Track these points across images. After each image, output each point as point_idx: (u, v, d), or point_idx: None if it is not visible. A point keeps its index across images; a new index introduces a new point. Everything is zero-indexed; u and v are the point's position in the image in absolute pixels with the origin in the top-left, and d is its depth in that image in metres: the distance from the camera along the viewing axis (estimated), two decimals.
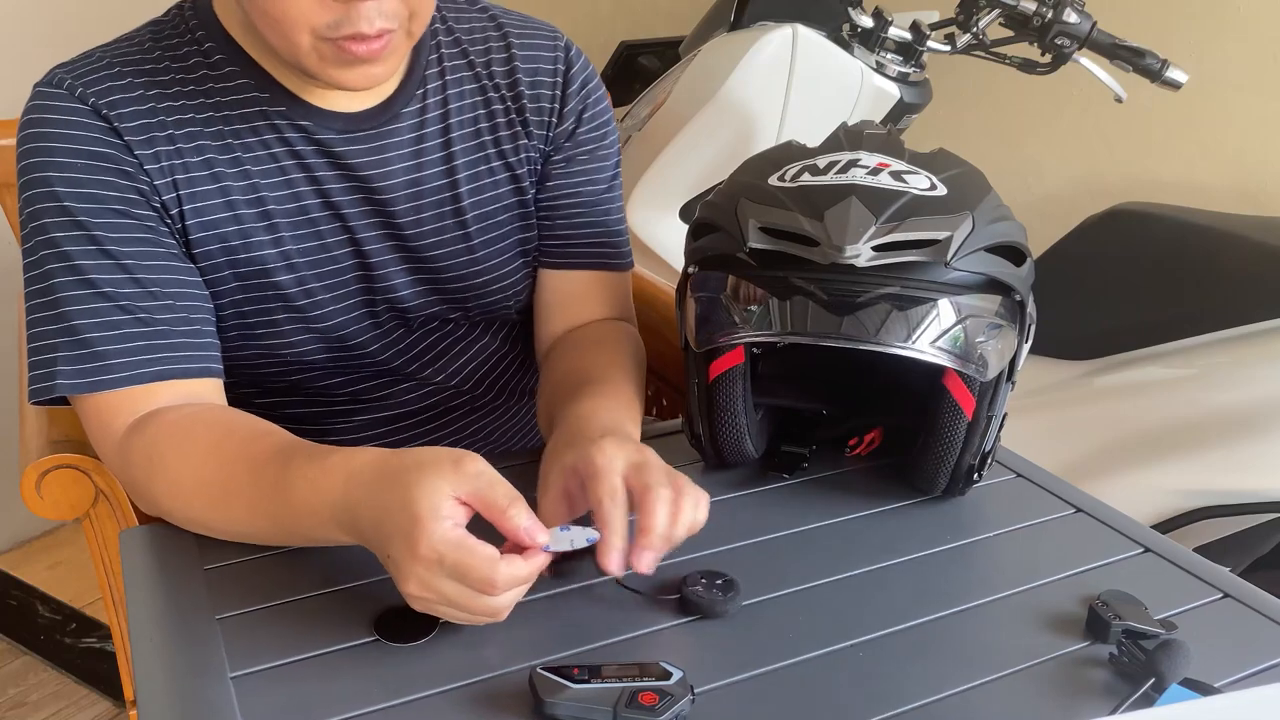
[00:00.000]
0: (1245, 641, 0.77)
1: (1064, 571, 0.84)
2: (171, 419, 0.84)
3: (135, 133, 0.87)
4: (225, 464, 0.81)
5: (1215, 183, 2.05)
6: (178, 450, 0.83)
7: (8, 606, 2.04)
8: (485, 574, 0.67)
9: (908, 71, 1.80)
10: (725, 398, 0.90)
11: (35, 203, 0.86)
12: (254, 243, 0.92)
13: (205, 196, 0.90)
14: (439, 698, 0.68)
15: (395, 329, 1.02)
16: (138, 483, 0.85)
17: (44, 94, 0.89)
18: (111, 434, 0.86)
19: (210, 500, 0.81)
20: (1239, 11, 1.99)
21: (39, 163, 0.86)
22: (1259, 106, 2.00)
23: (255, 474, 0.79)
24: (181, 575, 0.79)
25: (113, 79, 0.89)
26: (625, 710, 0.63)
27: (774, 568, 0.82)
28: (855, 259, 0.80)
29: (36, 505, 0.94)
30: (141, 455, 0.84)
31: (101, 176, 0.86)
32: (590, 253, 1.07)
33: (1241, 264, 1.54)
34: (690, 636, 0.75)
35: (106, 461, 0.89)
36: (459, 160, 0.99)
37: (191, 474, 0.82)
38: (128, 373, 0.85)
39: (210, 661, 0.69)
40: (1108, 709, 0.69)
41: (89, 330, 0.85)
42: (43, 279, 0.86)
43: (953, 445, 0.87)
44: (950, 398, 0.86)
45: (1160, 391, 1.59)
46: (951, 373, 0.86)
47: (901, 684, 0.71)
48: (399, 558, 0.68)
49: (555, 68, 1.03)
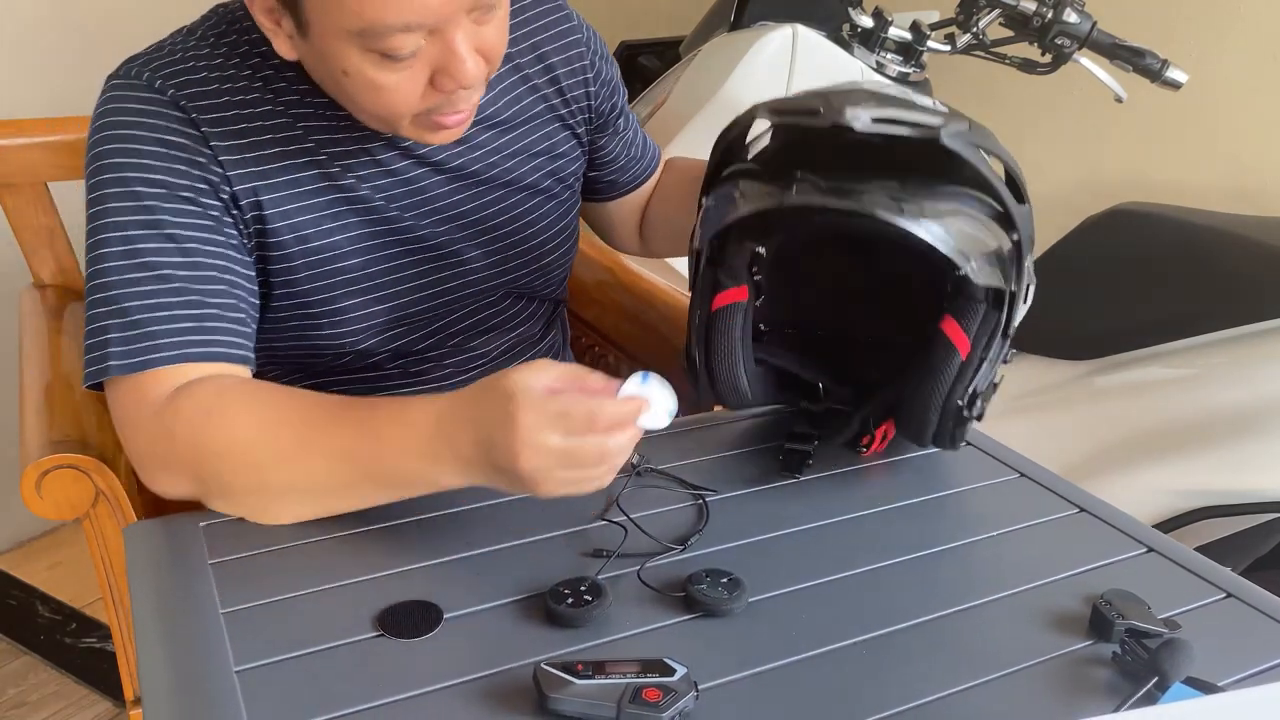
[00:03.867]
0: (1248, 641, 0.77)
1: (1067, 571, 0.84)
2: (224, 382, 0.86)
3: (211, 125, 0.90)
4: (301, 411, 0.83)
5: (1215, 183, 2.05)
6: (243, 404, 0.84)
7: (8, 606, 2.03)
8: (586, 408, 0.72)
9: (908, 71, 1.80)
10: (725, 327, 0.93)
11: (104, 188, 0.88)
12: (326, 229, 0.95)
13: (278, 188, 0.93)
14: (443, 693, 0.67)
15: (455, 303, 1.07)
16: (181, 443, 0.83)
17: (119, 85, 0.91)
18: (148, 405, 0.85)
19: (279, 451, 0.81)
20: (1239, 11, 1.99)
21: (111, 149, 0.88)
22: (1258, 106, 2.01)
23: (337, 419, 0.81)
24: (186, 570, 0.79)
25: (188, 72, 0.91)
26: (629, 706, 0.63)
27: (778, 566, 0.82)
28: (854, 121, 0.80)
29: (36, 505, 0.94)
30: (192, 413, 0.83)
31: (173, 165, 0.88)
32: (651, 164, 1.25)
33: (1241, 264, 1.54)
34: (695, 634, 0.75)
35: (138, 434, 0.86)
36: (505, 136, 1.04)
37: (259, 424, 0.82)
38: (175, 351, 0.86)
39: (215, 656, 0.69)
40: (1111, 707, 0.69)
41: (141, 311, 0.86)
42: (101, 261, 0.87)
43: (944, 380, 0.88)
44: (945, 337, 0.88)
45: (1160, 391, 1.59)
46: (948, 318, 0.87)
47: (905, 682, 0.71)
48: (505, 443, 0.73)
49: (576, 38, 1.10)
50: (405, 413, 0.79)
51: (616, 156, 1.19)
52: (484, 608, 0.76)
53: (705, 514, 0.88)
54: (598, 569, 0.80)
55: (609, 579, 0.78)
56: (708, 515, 0.88)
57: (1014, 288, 0.87)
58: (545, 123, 1.08)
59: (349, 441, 0.80)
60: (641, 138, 1.24)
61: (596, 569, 0.79)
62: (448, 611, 0.75)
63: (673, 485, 0.92)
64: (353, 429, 0.80)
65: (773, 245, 0.95)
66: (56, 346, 1.19)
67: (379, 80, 0.83)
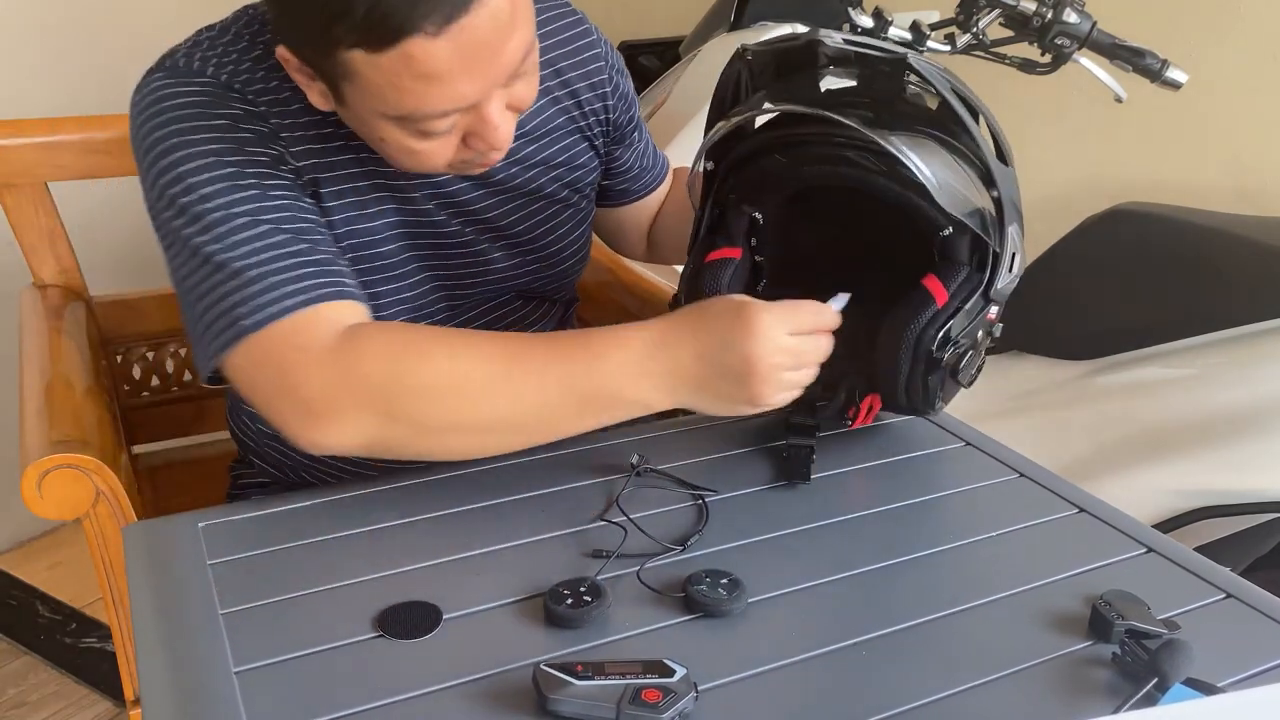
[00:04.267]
0: (1248, 641, 0.77)
1: (1066, 571, 0.84)
2: (404, 324, 0.89)
3: (267, 105, 0.90)
4: (501, 344, 0.85)
5: (1215, 183, 2.05)
6: (437, 340, 0.85)
7: (8, 606, 2.03)
8: (812, 307, 0.86)
9: None
10: (712, 278, 0.96)
11: (176, 169, 0.86)
12: (369, 214, 0.96)
13: (331, 167, 0.93)
14: (442, 694, 0.67)
15: (475, 301, 1.08)
16: (369, 383, 0.82)
17: (163, 77, 0.90)
18: (318, 345, 0.83)
19: (486, 383, 0.83)
20: (1239, 11, 1.99)
21: (176, 130, 0.87)
22: (1259, 106, 2.01)
23: (546, 348, 0.85)
24: (185, 570, 0.79)
25: (234, 62, 0.91)
26: (628, 707, 0.63)
27: (778, 567, 0.82)
28: (827, 38, 0.86)
29: (37, 505, 0.94)
30: (379, 352, 0.83)
31: (242, 135, 0.88)
32: (661, 173, 1.26)
33: (1241, 264, 1.54)
34: (694, 634, 0.75)
35: (306, 382, 0.82)
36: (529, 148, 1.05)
37: (461, 358, 0.84)
38: (307, 295, 0.84)
39: (214, 656, 0.69)
40: (1110, 709, 0.69)
41: (256, 266, 0.84)
42: (195, 238, 0.85)
43: (916, 323, 0.89)
44: (924, 289, 0.89)
45: (1160, 391, 1.59)
46: (931, 275, 0.89)
47: (904, 683, 0.71)
48: (743, 350, 0.82)
49: (595, 53, 1.10)
50: (620, 335, 0.85)
51: (630, 166, 1.20)
52: (483, 608, 0.76)
53: (705, 514, 0.88)
54: (597, 569, 0.80)
55: (609, 579, 0.78)
56: (707, 515, 0.88)
57: (996, 246, 0.89)
58: (565, 135, 1.09)
59: (562, 367, 0.84)
60: (652, 147, 1.25)
61: (596, 569, 0.80)
62: (447, 612, 0.75)
63: (673, 485, 0.92)
64: (564, 354, 0.84)
65: (769, 208, 0.97)
66: (56, 346, 1.19)
67: (414, 147, 0.85)
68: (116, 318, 1.37)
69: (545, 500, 0.89)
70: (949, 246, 0.90)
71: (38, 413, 1.01)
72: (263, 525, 0.85)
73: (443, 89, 0.79)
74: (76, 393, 1.08)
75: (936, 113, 0.87)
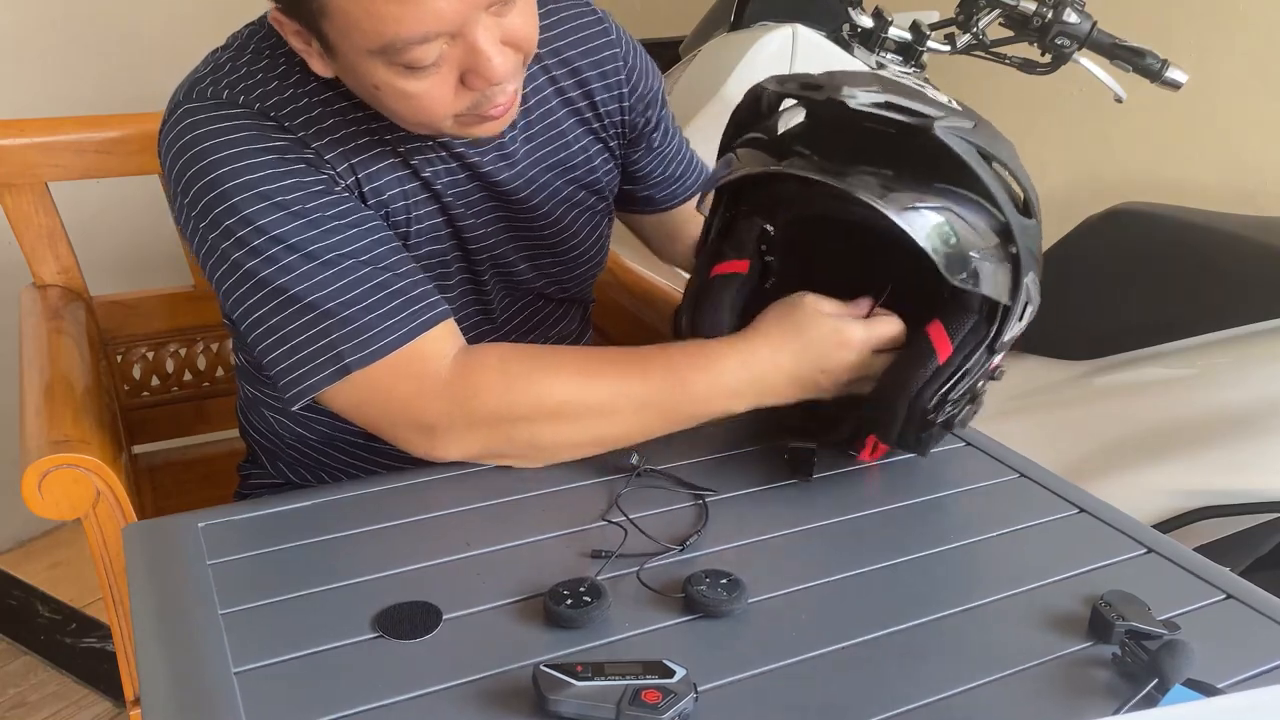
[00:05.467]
0: (1248, 642, 0.77)
1: (1066, 572, 0.84)
2: (505, 348, 0.93)
3: (303, 127, 0.90)
4: (611, 363, 0.92)
5: (1215, 183, 2.05)
6: (540, 365, 0.91)
7: (8, 606, 2.03)
8: (897, 326, 0.92)
9: (908, 72, 1.80)
10: (716, 293, 0.96)
11: (236, 209, 0.86)
12: (411, 217, 0.97)
13: (374, 177, 0.94)
14: (442, 694, 0.67)
15: (503, 302, 1.09)
16: (485, 410, 0.89)
17: (194, 110, 0.89)
18: (434, 370, 0.88)
19: (596, 403, 0.90)
20: (1239, 11, 1.99)
21: (224, 169, 0.86)
22: (1259, 106, 2.01)
23: (646, 367, 0.91)
24: (185, 570, 0.79)
25: (260, 84, 0.90)
26: (628, 708, 0.63)
27: (778, 567, 0.82)
28: (849, 99, 0.83)
29: (37, 505, 0.94)
30: (491, 381, 0.89)
31: (294, 166, 0.88)
32: (694, 185, 1.23)
33: (1241, 264, 1.54)
34: (694, 635, 0.75)
35: (425, 410, 0.89)
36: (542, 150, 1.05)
37: (577, 380, 0.90)
38: (408, 326, 0.88)
39: (214, 656, 0.69)
40: (1110, 709, 0.69)
41: (349, 306, 0.86)
42: (274, 279, 0.86)
43: (915, 379, 0.87)
44: (928, 340, 0.88)
45: (1160, 391, 1.59)
46: (936, 322, 0.88)
47: (904, 683, 0.71)
48: (837, 368, 0.90)
49: (613, 52, 1.10)
50: (710, 360, 0.91)
51: (651, 172, 1.18)
52: (483, 609, 0.76)
53: (705, 514, 0.88)
54: (597, 570, 0.80)
55: (608, 580, 0.78)
56: (707, 515, 0.88)
57: (1008, 301, 0.87)
58: (579, 136, 1.08)
59: (661, 394, 0.91)
60: (687, 156, 1.22)
61: (596, 570, 0.79)
62: (447, 612, 0.75)
63: (673, 485, 0.92)
64: (661, 381, 0.91)
65: (780, 224, 0.96)
66: (57, 346, 1.19)
67: (409, 90, 0.84)
68: (116, 318, 1.37)
69: (545, 500, 0.89)
70: (960, 291, 0.86)
71: (38, 413, 1.01)
72: (263, 525, 0.84)
73: (418, 7, 0.78)
74: (76, 393, 1.08)
75: (956, 168, 0.84)
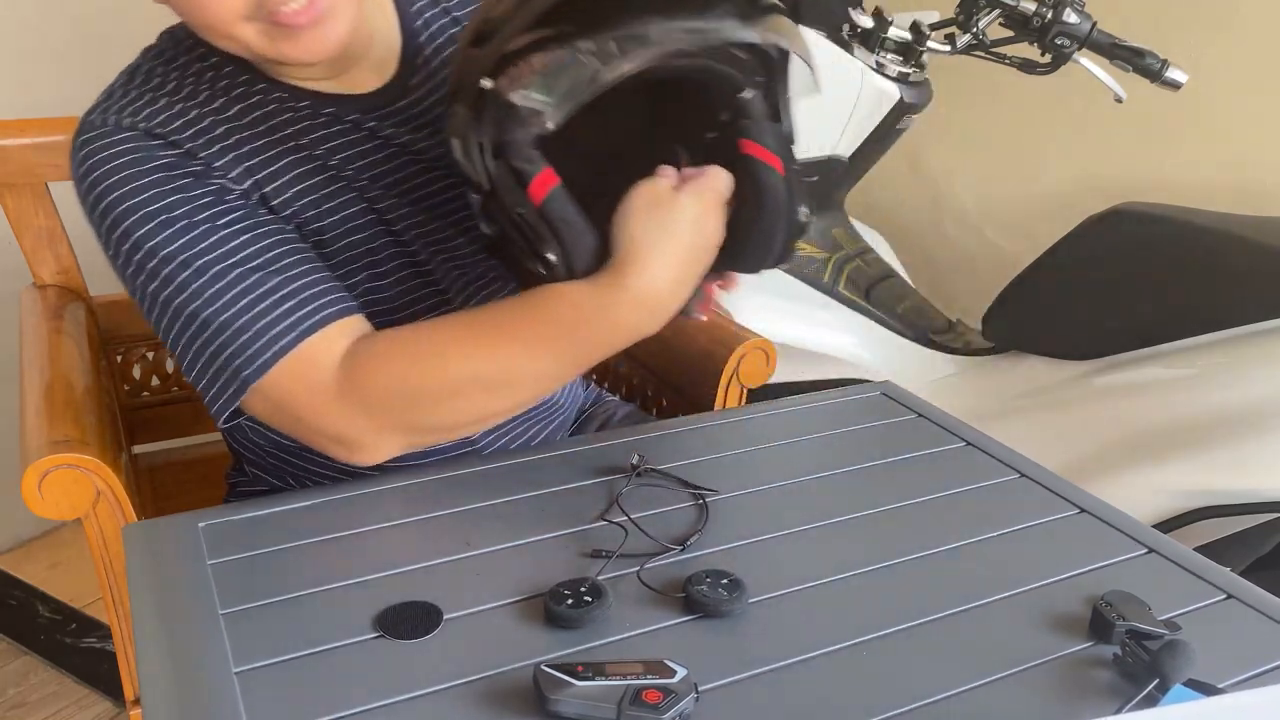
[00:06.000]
0: (1249, 642, 0.77)
1: (1067, 572, 0.84)
2: (389, 333, 0.89)
3: (191, 139, 0.90)
4: (490, 325, 0.88)
5: (1215, 183, 2.05)
6: (431, 341, 0.88)
7: (8, 606, 2.03)
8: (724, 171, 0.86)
9: (908, 72, 1.80)
10: (561, 210, 0.84)
11: (130, 234, 0.87)
12: (325, 209, 0.95)
13: (275, 176, 0.92)
14: (442, 694, 0.67)
15: (452, 284, 1.04)
16: (385, 401, 0.87)
17: (91, 139, 0.90)
18: (322, 378, 0.86)
19: (485, 374, 0.87)
20: (1239, 11, 1.99)
21: (116, 195, 0.87)
22: (1259, 106, 2.01)
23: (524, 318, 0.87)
24: (185, 570, 0.78)
25: (149, 104, 0.91)
26: (629, 708, 0.63)
27: (779, 566, 0.82)
28: None
29: (37, 505, 0.94)
30: (385, 368, 0.86)
31: (181, 182, 0.88)
32: None
33: (1241, 264, 1.54)
34: (695, 635, 0.75)
35: (324, 418, 0.87)
36: None
37: (460, 353, 0.86)
38: (297, 330, 0.86)
39: (214, 656, 0.69)
40: (1111, 709, 0.69)
41: (243, 315, 0.86)
42: (172, 299, 0.87)
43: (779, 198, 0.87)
44: (756, 161, 0.87)
45: (1160, 391, 1.59)
46: (746, 141, 0.87)
47: (905, 683, 0.71)
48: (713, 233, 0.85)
49: None
50: (602, 308, 0.85)
51: None
52: (484, 609, 0.76)
53: (705, 514, 0.88)
54: (598, 570, 0.79)
55: (609, 580, 0.78)
56: (707, 515, 0.88)
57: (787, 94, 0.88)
58: None
59: (553, 364, 0.88)
60: None
61: (597, 570, 0.79)
62: (447, 612, 0.75)
63: (673, 485, 0.92)
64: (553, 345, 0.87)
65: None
66: (56, 346, 1.19)
67: None
68: (116, 318, 1.37)
69: (545, 500, 0.89)
70: (743, 106, 0.86)
71: (38, 413, 1.01)
72: (263, 525, 0.84)
73: None
74: (76, 393, 1.08)
75: None
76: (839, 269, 1.91)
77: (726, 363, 1.22)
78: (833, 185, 1.91)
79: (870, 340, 1.89)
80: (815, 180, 1.85)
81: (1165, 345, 1.62)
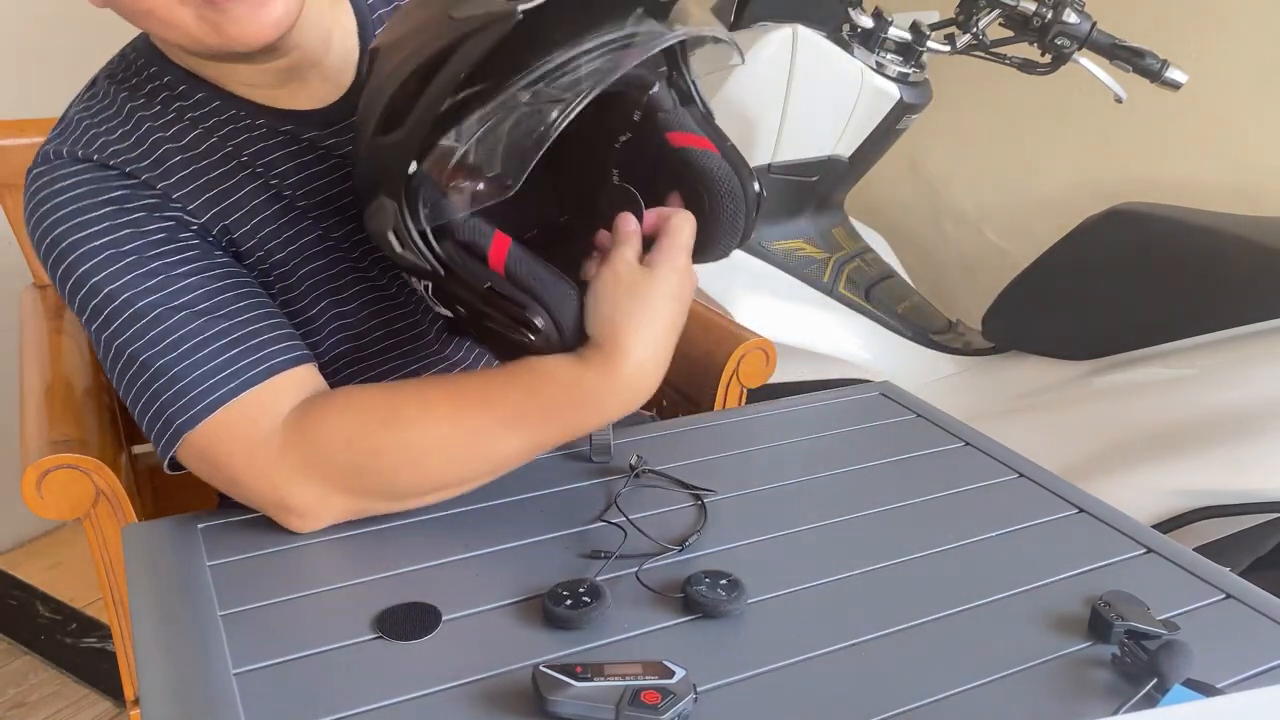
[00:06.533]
0: (1248, 642, 0.77)
1: (1066, 572, 0.84)
2: (345, 390, 0.85)
3: (148, 170, 0.87)
4: (456, 391, 0.83)
5: (1215, 183, 2.05)
6: (388, 407, 0.82)
7: (8, 606, 2.03)
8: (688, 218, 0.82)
9: (908, 72, 1.80)
10: (533, 269, 0.79)
11: (76, 268, 0.84)
12: (285, 238, 0.92)
13: (233, 209, 0.90)
14: (441, 695, 0.67)
15: (414, 309, 1.02)
16: (329, 449, 0.81)
17: (43, 172, 0.88)
18: (261, 432, 0.82)
19: (443, 441, 0.82)
20: (1240, 11, 1.99)
21: (64, 230, 0.85)
22: (1259, 106, 2.01)
23: (485, 405, 0.82)
24: (184, 571, 0.79)
25: (104, 134, 0.88)
26: (628, 709, 0.63)
27: (778, 567, 0.82)
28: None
29: (37, 505, 0.94)
30: (339, 433, 0.81)
31: (134, 215, 0.85)
32: None
33: (1241, 264, 1.54)
34: (694, 636, 0.75)
35: (266, 465, 0.82)
36: None
37: (421, 421, 0.81)
38: (238, 380, 0.82)
39: (213, 657, 0.69)
40: (1110, 710, 0.69)
41: (181, 361, 0.82)
42: (115, 338, 0.84)
43: (729, 180, 0.85)
44: (691, 150, 0.85)
45: (1160, 391, 1.59)
46: (673, 134, 0.85)
47: (904, 684, 0.71)
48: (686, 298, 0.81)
49: None
50: (585, 397, 0.80)
51: None
52: (482, 609, 0.76)
53: (704, 514, 0.88)
54: (597, 570, 0.79)
55: (608, 580, 0.78)
56: (707, 515, 0.88)
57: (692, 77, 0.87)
58: None
59: (523, 445, 0.82)
60: None
61: (595, 570, 0.79)
62: (446, 613, 0.75)
63: (672, 485, 0.92)
64: (500, 410, 0.81)
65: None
66: (56, 346, 1.19)
67: None
68: None
69: (545, 501, 0.89)
70: (653, 100, 0.85)
71: (38, 413, 1.01)
72: (262, 525, 0.84)
73: None
74: (76, 393, 1.08)
75: None
76: (839, 269, 1.91)
77: (726, 363, 1.22)
78: (833, 185, 1.91)
79: (870, 340, 1.90)
80: (815, 180, 1.86)
81: (1165, 345, 1.62)
